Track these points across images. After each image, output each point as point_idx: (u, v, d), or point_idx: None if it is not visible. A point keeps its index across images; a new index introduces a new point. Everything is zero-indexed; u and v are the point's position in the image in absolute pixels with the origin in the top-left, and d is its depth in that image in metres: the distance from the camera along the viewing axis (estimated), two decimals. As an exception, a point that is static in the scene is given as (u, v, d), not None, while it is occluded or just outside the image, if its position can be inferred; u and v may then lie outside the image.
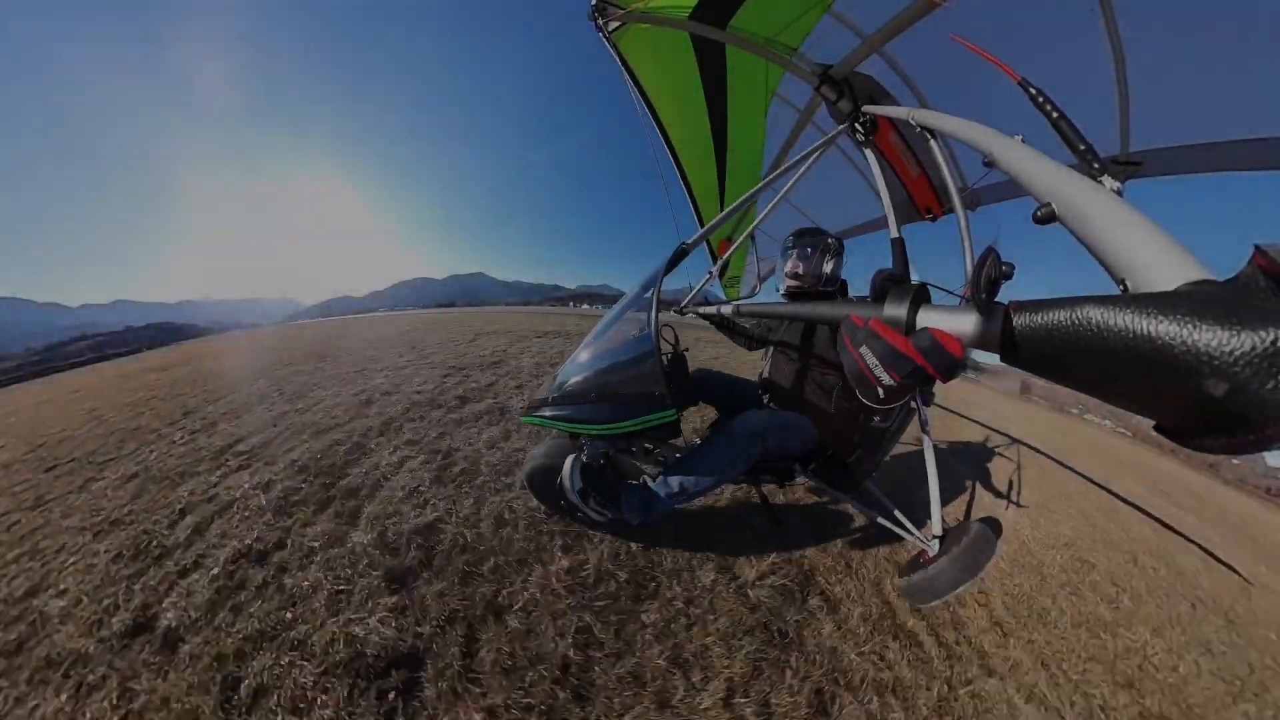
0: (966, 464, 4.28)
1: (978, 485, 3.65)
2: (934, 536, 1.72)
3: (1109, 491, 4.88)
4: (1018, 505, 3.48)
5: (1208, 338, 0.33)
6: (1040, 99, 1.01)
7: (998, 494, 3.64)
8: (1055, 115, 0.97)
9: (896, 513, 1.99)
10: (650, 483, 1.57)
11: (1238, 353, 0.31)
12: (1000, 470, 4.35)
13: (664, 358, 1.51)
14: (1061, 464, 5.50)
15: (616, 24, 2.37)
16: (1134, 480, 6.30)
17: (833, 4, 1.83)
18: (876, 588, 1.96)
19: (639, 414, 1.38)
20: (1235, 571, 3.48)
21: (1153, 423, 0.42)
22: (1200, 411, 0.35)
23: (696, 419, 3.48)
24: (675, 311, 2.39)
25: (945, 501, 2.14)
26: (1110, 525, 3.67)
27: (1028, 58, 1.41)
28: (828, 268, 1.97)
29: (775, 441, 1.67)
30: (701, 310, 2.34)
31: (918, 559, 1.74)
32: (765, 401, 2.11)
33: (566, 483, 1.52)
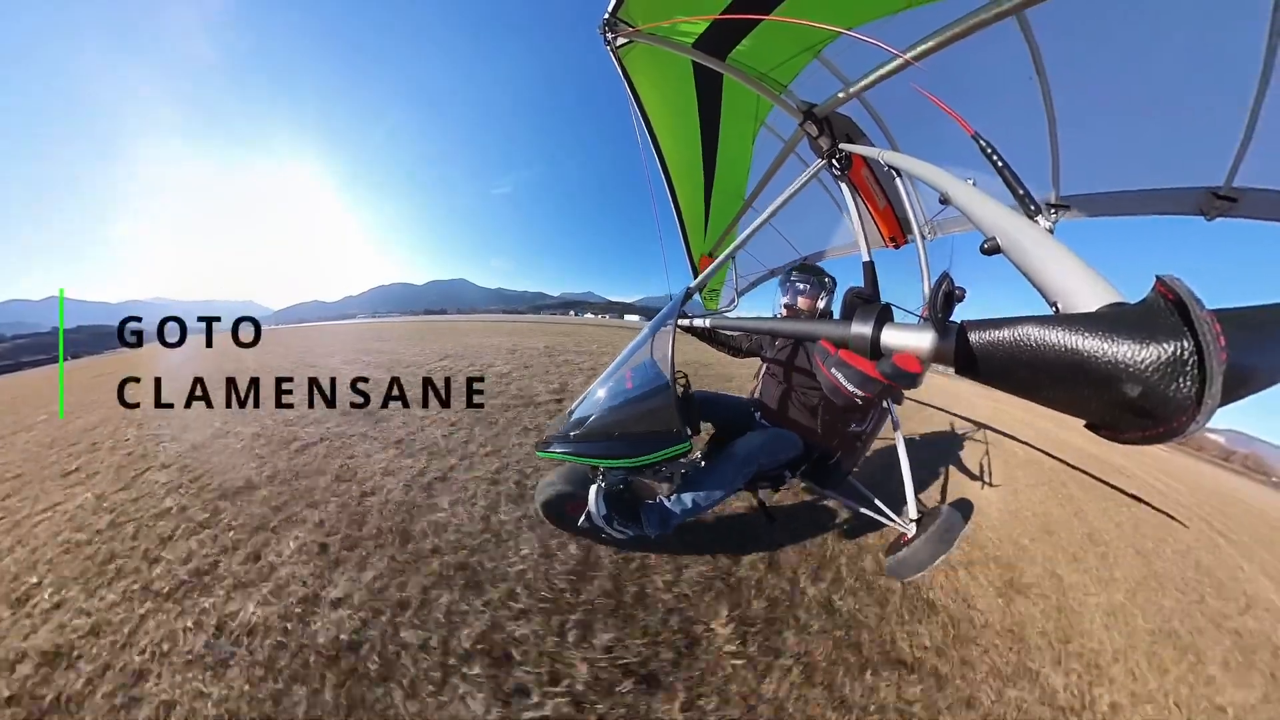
0: (940, 451, 4.82)
1: (951, 469, 4.11)
2: (911, 520, 1.98)
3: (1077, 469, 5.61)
4: (988, 484, 3.97)
5: (1124, 350, 0.38)
6: (989, 150, 1.23)
7: (968, 475, 4.14)
8: (1000, 164, 1.19)
9: (878, 503, 2.22)
10: (666, 501, 1.76)
11: (1147, 361, 0.37)
12: (970, 454, 4.92)
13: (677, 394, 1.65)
14: (1019, 440, 6.40)
15: (625, 40, 2.44)
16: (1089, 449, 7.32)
17: (822, 51, 2.08)
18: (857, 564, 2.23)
19: (658, 449, 1.52)
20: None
21: (1083, 422, 0.48)
22: (1121, 410, 0.40)
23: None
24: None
25: (921, 487, 2.43)
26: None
27: (980, 113, 1.67)
28: (821, 304, 2.19)
29: (769, 458, 1.91)
30: (682, 323, 2.48)
31: (898, 541, 1.97)
32: (757, 418, 2.31)
33: (593, 509, 1.66)
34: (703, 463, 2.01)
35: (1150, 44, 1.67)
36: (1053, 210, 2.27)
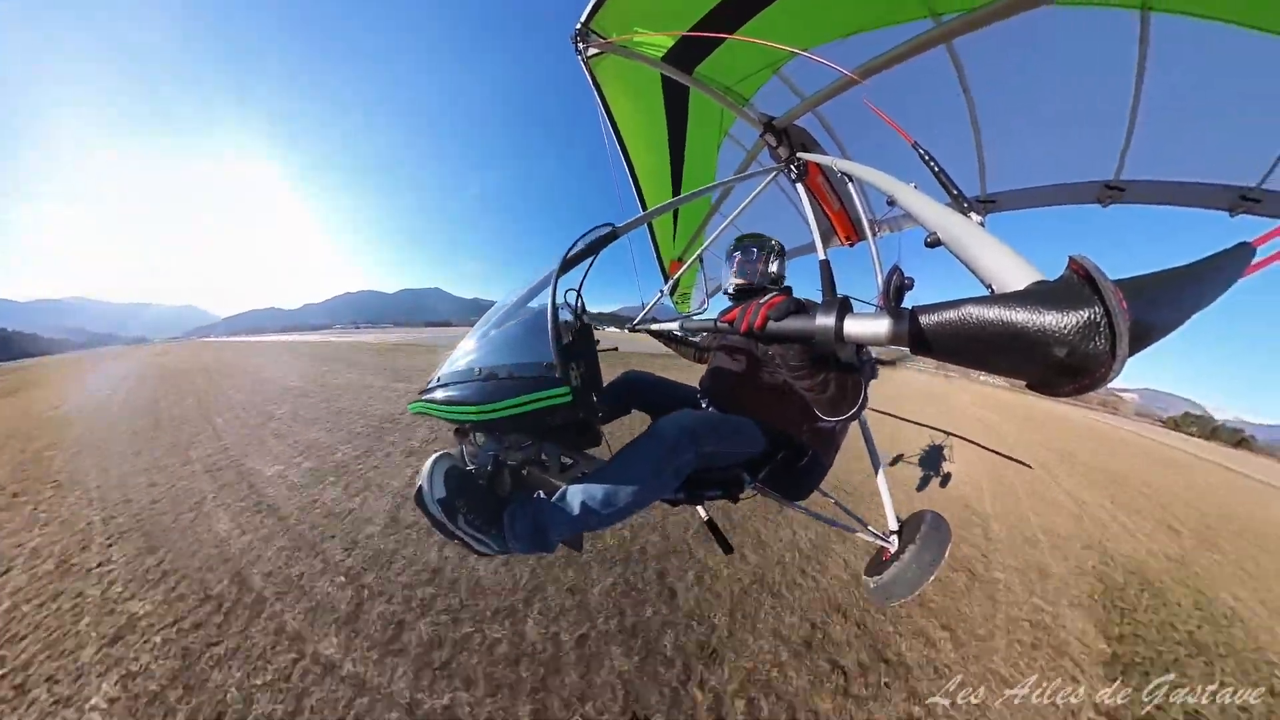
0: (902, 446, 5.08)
1: (914, 462, 4.34)
2: (891, 532, 1.69)
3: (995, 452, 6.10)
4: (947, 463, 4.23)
5: (1050, 319, 0.44)
6: (926, 156, 1.44)
7: (932, 463, 4.37)
8: (936, 169, 1.40)
9: (851, 513, 1.99)
10: (549, 500, 1.17)
11: (1070, 327, 0.43)
12: (931, 441, 5.24)
13: (566, 331, 1.32)
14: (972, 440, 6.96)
15: (596, 51, 2.54)
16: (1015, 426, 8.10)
17: (781, 68, 2.30)
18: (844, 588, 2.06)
19: (524, 391, 1.12)
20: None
21: (1025, 383, 0.53)
22: (1053, 369, 0.46)
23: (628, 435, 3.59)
24: (627, 329, 2.46)
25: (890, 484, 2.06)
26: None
27: (918, 125, 1.93)
28: (772, 268, 2.02)
29: (715, 444, 1.34)
30: (653, 328, 2.36)
31: (879, 557, 1.67)
32: (704, 406, 1.90)
33: (425, 487, 1.09)
34: None
35: (1050, 64, 1.98)
36: (982, 205, 2.60)
